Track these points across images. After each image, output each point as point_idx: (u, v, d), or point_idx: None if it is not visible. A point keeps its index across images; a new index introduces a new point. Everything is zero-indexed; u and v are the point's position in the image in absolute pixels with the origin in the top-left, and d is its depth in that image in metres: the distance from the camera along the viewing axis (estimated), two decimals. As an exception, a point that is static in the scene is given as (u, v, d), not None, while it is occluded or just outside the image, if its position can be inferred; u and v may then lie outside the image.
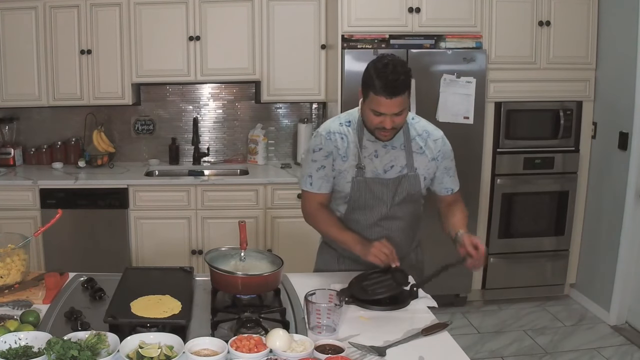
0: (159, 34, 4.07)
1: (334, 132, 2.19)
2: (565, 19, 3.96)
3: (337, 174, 2.20)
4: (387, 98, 1.95)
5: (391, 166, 2.17)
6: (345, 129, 2.19)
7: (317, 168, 2.20)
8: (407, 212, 2.22)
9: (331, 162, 2.19)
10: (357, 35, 3.80)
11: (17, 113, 4.39)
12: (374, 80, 1.96)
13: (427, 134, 2.20)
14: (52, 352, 1.46)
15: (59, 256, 3.90)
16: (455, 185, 2.29)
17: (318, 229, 2.30)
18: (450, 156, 2.25)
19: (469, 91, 3.83)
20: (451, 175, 2.27)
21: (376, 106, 1.99)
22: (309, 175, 2.23)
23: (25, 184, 3.90)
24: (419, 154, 2.18)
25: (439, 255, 3.84)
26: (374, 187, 2.17)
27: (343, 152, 2.17)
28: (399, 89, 1.95)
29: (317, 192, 2.23)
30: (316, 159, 2.20)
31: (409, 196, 2.19)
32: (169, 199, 3.96)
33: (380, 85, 1.94)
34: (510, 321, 3.96)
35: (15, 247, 2.05)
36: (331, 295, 1.85)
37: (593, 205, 4.14)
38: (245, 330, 1.73)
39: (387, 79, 1.93)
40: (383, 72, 1.95)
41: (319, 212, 2.24)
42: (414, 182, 2.18)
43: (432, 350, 1.68)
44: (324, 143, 2.19)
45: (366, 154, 2.17)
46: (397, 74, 1.94)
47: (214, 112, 4.58)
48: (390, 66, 1.96)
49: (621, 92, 3.81)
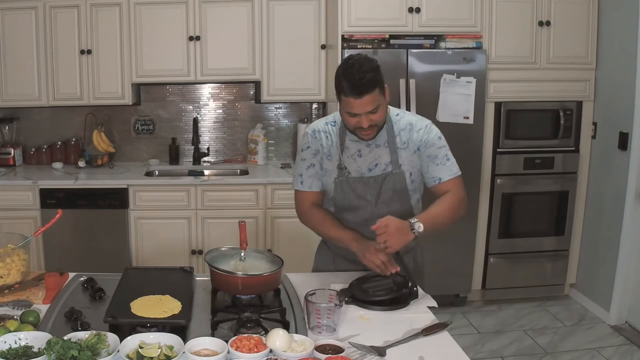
0: (159, 34, 4.07)
1: (320, 131, 2.21)
2: (565, 19, 3.96)
3: (324, 173, 2.21)
4: (357, 98, 1.95)
5: (375, 164, 2.16)
6: (330, 128, 2.21)
7: (307, 166, 2.22)
8: (395, 210, 2.14)
9: (319, 160, 2.21)
10: (357, 35, 3.80)
11: (17, 113, 4.39)
12: (342, 82, 1.96)
13: (411, 126, 2.16)
14: (52, 352, 1.46)
15: (59, 256, 3.90)
16: (443, 173, 2.15)
17: (313, 229, 2.29)
18: (437, 143, 2.15)
19: (469, 91, 3.83)
20: (438, 163, 2.15)
21: (349, 107, 1.99)
22: (300, 175, 2.25)
23: (25, 184, 3.90)
24: (403, 150, 2.15)
25: (440, 256, 3.86)
26: (356, 187, 2.17)
27: (327, 150, 2.19)
28: (366, 87, 1.94)
29: (308, 191, 2.24)
30: (305, 157, 2.23)
31: (395, 194, 2.17)
32: (169, 199, 3.96)
33: (348, 87, 1.94)
34: (510, 321, 3.96)
35: (15, 247, 2.05)
36: (331, 295, 1.85)
37: (593, 205, 4.14)
38: (245, 330, 1.73)
39: (353, 79, 1.93)
40: (349, 73, 1.95)
41: (312, 211, 2.24)
42: (399, 179, 2.15)
43: (432, 350, 1.68)
44: (310, 141, 2.22)
45: (349, 154, 2.17)
46: (362, 72, 1.93)
47: (214, 112, 4.59)
48: (356, 65, 1.95)
49: (621, 92, 3.81)
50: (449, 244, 3.98)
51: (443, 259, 3.95)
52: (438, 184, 2.16)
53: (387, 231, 1.94)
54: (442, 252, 3.94)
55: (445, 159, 2.16)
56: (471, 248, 4.10)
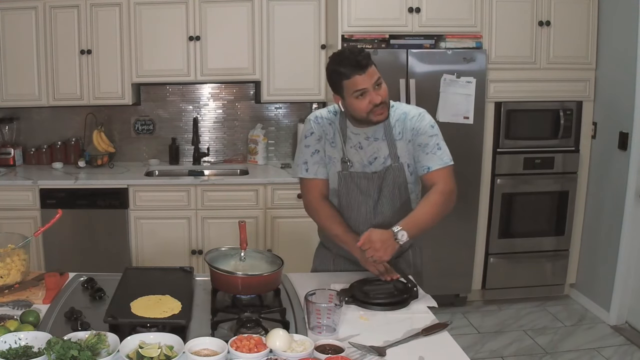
0: (159, 34, 4.07)
1: (323, 117, 2.22)
2: (565, 19, 3.96)
3: (328, 160, 2.20)
4: (361, 73, 2.00)
5: (375, 157, 2.16)
6: (333, 116, 2.22)
7: (312, 153, 2.21)
8: (396, 207, 2.16)
9: (323, 145, 2.20)
10: (357, 35, 3.80)
11: (17, 113, 4.39)
12: (341, 69, 2.02)
13: (405, 115, 2.17)
14: (52, 352, 1.46)
15: (59, 256, 3.90)
16: (433, 162, 2.12)
17: (319, 222, 2.27)
18: (428, 132, 2.13)
19: (469, 91, 3.83)
20: (428, 152, 2.12)
21: (355, 87, 2.01)
22: (304, 162, 2.22)
23: (25, 184, 3.90)
24: (399, 140, 2.15)
25: (440, 256, 3.86)
26: (360, 183, 2.17)
27: (331, 137, 2.20)
28: (366, 60, 2.00)
29: (314, 178, 2.21)
30: (309, 143, 2.22)
31: (396, 189, 2.17)
32: (169, 199, 3.96)
33: (350, 66, 2.00)
34: (510, 321, 3.96)
35: (15, 247, 2.05)
36: (331, 295, 1.85)
37: (593, 205, 4.14)
38: (245, 330, 1.73)
39: (352, 58, 2.00)
40: (345, 57, 2.03)
41: (321, 204, 2.22)
42: (399, 173, 2.15)
43: (432, 350, 1.68)
44: (314, 127, 2.22)
45: (351, 145, 2.18)
46: (354, 52, 2.02)
47: (214, 112, 4.58)
48: (346, 51, 2.05)
49: (621, 92, 3.80)
50: (449, 244, 3.98)
51: (443, 259, 3.95)
52: (427, 173, 2.13)
53: (372, 246, 1.95)
54: (442, 252, 3.94)
55: (436, 148, 2.13)
56: (471, 248, 4.10)
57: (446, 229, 3.85)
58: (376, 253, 1.95)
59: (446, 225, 3.81)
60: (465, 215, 4.01)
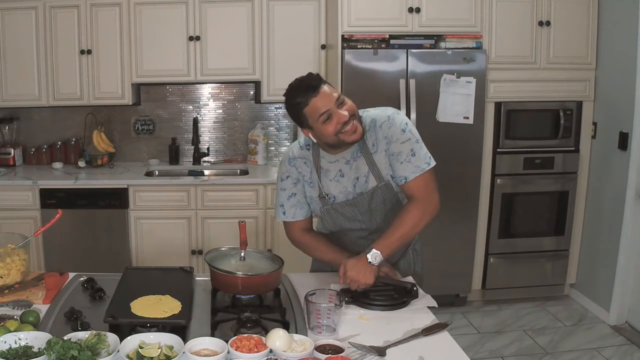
0: (159, 34, 4.07)
1: (296, 158, 2.13)
2: (565, 19, 3.96)
3: (309, 200, 2.15)
4: (315, 95, 1.94)
5: (357, 178, 2.06)
6: (306, 152, 2.11)
7: (288, 196, 2.15)
8: (391, 217, 2.07)
9: (302, 187, 2.13)
10: (357, 35, 3.80)
11: (17, 113, 4.39)
12: (296, 100, 1.97)
13: (374, 122, 2.02)
14: (52, 352, 1.46)
15: (59, 256, 3.90)
16: (408, 172, 1.99)
17: (308, 254, 2.27)
18: (399, 138, 1.98)
19: (469, 91, 3.83)
20: (402, 160, 1.98)
21: (317, 111, 1.93)
22: (281, 205, 2.17)
23: (25, 184, 3.90)
24: (375, 154, 2.02)
25: (440, 256, 3.86)
26: (344, 211, 2.11)
27: (308, 177, 2.11)
28: (315, 81, 1.97)
29: (292, 221, 2.18)
30: (284, 187, 2.15)
31: (387, 204, 2.08)
32: (169, 199, 3.96)
33: (302, 92, 1.96)
34: (510, 321, 3.96)
35: (15, 247, 2.05)
36: (331, 295, 1.85)
37: (593, 205, 4.14)
38: (245, 330, 1.73)
39: (299, 87, 1.98)
40: (293, 88, 2.00)
41: (302, 238, 2.20)
42: (387, 190, 2.05)
43: (432, 350, 1.68)
44: (289, 170, 2.13)
45: (331, 177, 2.09)
46: (302, 79, 2.00)
47: (213, 112, 4.58)
48: (294, 82, 2.03)
49: (621, 92, 3.80)
50: (449, 244, 3.98)
51: (443, 259, 3.95)
52: (404, 184, 2.01)
53: (350, 277, 1.93)
54: (442, 252, 3.94)
55: (410, 155, 1.98)
56: (471, 248, 4.10)
57: (446, 229, 3.86)
58: (358, 282, 1.94)
59: (446, 225, 3.87)
60: (465, 215, 4.01)
